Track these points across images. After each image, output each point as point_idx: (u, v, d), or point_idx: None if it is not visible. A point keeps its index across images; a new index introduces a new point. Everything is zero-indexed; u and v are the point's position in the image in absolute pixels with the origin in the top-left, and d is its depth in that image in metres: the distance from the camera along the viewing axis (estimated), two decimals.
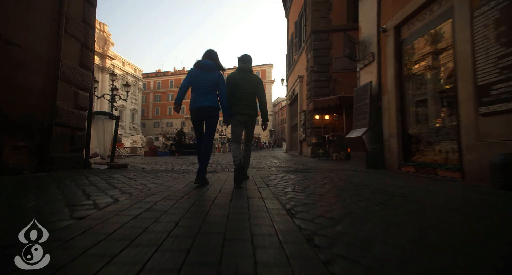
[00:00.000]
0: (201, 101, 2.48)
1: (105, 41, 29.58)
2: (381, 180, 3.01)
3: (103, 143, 3.67)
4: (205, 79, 2.50)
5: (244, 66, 2.77)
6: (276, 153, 15.61)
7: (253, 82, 2.75)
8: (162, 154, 10.38)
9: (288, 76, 15.40)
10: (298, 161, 6.86)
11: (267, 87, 42.79)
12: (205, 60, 2.59)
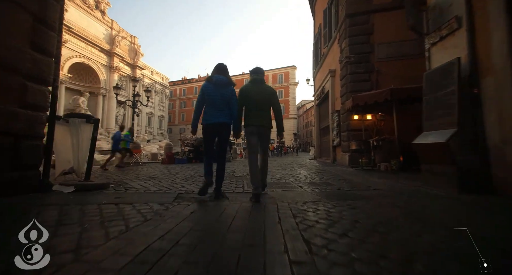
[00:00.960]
0: (216, 117, 2.49)
1: (136, 52, 31.19)
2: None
3: (77, 154, 2.78)
4: (219, 95, 2.50)
5: (257, 77, 2.74)
6: (302, 159, 14.04)
7: (266, 93, 2.71)
8: (179, 162, 9.66)
9: (315, 73, 13.86)
10: (335, 173, 5.39)
11: (291, 89, 41.22)
12: (217, 76, 2.57)
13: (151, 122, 36.55)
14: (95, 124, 2.88)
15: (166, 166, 8.40)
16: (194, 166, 7.88)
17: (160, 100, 39.18)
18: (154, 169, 6.78)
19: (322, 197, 2.59)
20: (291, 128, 40.80)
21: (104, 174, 5.10)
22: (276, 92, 2.87)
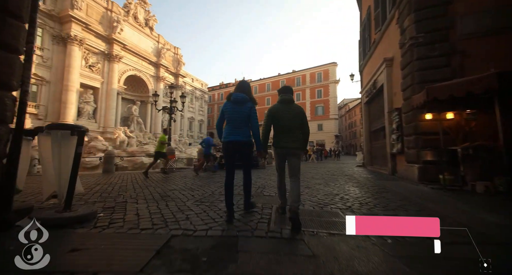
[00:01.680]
0: (233, 135, 2.51)
1: (178, 62, 33.45)
2: None
3: (59, 174, 2.21)
4: (237, 113, 2.53)
5: (285, 97, 2.68)
6: (348, 166, 12.09)
7: (295, 113, 2.60)
8: (210, 169, 9.17)
9: (362, 66, 11.85)
10: (402, 195, 3.86)
11: (331, 88, 38.14)
12: (236, 93, 2.60)
13: (192, 126, 38.67)
14: (80, 137, 2.26)
15: (192, 174, 7.94)
16: (223, 175, 7.18)
17: (200, 105, 41.21)
18: (179, 179, 6.29)
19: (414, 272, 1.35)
20: (331, 129, 37.65)
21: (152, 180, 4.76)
22: (305, 112, 2.71)
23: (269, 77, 44.64)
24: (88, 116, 21.77)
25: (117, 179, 6.41)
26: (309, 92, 40.06)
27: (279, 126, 2.59)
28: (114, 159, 9.30)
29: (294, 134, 2.59)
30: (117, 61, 23.57)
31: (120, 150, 19.91)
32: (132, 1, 26.31)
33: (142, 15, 27.44)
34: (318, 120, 38.73)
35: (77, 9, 19.65)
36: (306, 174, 7.61)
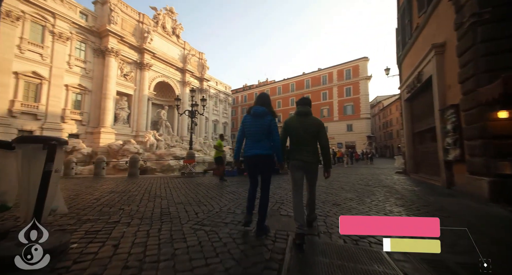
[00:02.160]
0: (254, 149, 2.48)
1: (203, 67, 34.40)
2: None
3: (27, 194, 1.86)
4: (256, 126, 2.50)
5: (301, 109, 2.63)
6: (384, 172, 10.61)
7: (312, 126, 2.55)
8: (229, 174, 8.75)
9: (402, 57, 10.32)
10: (474, 223, 2.81)
11: (362, 85, 35.32)
12: (256, 107, 2.56)
13: (216, 128, 39.39)
14: (50, 152, 1.88)
15: (212, 179, 7.55)
16: (241, 182, 6.63)
17: (224, 108, 41.82)
18: (194, 187, 5.91)
19: None
20: (363, 129, 34.81)
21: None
22: (323, 125, 2.64)
23: (293, 77, 43.32)
24: (123, 121, 23.39)
25: (135, 185, 6.32)
26: (336, 90, 37.73)
27: (294, 138, 2.55)
28: (138, 163, 9.48)
29: (311, 147, 2.52)
30: (148, 69, 25.00)
31: (150, 152, 20.92)
32: (161, 12, 27.77)
33: (169, 24, 28.80)
34: (348, 120, 36.18)
35: (113, 23, 21.31)
36: (334, 183, 6.65)
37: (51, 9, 18.01)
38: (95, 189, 5.13)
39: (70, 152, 17.37)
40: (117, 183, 7.04)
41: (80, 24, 19.95)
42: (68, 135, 18.79)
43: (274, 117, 2.60)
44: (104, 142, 19.85)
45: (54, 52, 18.16)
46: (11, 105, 15.64)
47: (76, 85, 19.76)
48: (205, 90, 34.77)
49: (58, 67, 18.37)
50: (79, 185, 6.55)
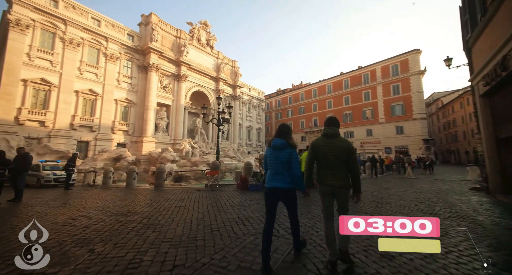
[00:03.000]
0: (273, 181, 2.44)
1: (236, 74, 34.96)
2: None
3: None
4: (276, 159, 2.47)
5: (328, 131, 2.53)
6: (453, 188, 8.21)
7: (340, 148, 2.42)
8: (253, 188, 7.89)
9: (472, 41, 7.99)
10: None
11: (413, 81, 30.57)
12: (275, 139, 2.54)
13: (250, 135, 39.29)
14: None
15: (231, 196, 6.78)
16: (261, 202, 5.68)
17: (258, 113, 41.58)
18: (209, 203, 5.22)
19: None
20: (417, 132, 29.86)
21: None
22: (352, 148, 2.47)
23: (329, 78, 40.49)
24: (163, 130, 25.04)
25: (148, 201, 6.01)
26: (381, 89, 33.54)
27: (322, 161, 2.50)
28: (164, 173, 9.45)
29: (339, 170, 2.41)
30: (184, 80, 26.45)
31: (185, 160, 21.69)
32: (196, 26, 29.35)
33: (204, 36, 30.20)
34: (397, 122, 31.60)
35: (154, 41, 23.26)
36: (383, 206, 5.11)
37: (105, 34, 20.59)
38: (100, 209, 4.90)
39: (117, 159, 19.15)
40: (137, 197, 6.91)
41: (128, 45, 22.31)
42: (116, 144, 20.88)
43: (294, 149, 2.50)
44: (146, 150, 21.39)
45: (107, 71, 20.60)
46: (73, 119, 18.13)
47: (124, 99, 21.97)
48: (238, 97, 35.18)
49: (110, 84, 20.74)
50: (93, 198, 6.58)
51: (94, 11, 20.35)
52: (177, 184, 17.81)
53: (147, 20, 23.99)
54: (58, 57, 17.59)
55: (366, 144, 33.78)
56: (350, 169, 2.42)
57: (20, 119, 15.42)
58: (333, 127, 2.54)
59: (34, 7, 16.39)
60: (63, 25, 17.99)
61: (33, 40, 16.45)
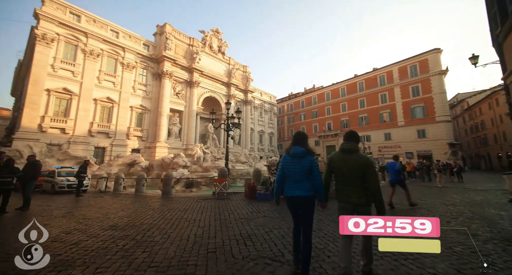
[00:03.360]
0: (294, 190, 2.43)
1: (247, 79, 35.03)
2: None
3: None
4: (296, 167, 2.44)
5: (345, 146, 2.47)
6: (488, 200, 7.22)
7: (357, 164, 2.34)
8: (261, 198, 7.46)
9: (503, 35, 7.15)
10: None
11: (434, 82, 28.74)
12: (295, 147, 2.51)
13: (262, 139, 38.90)
14: None
15: (237, 206, 6.41)
16: (276, 214, 5.24)
17: (269, 118, 41.21)
18: (211, 219, 4.89)
19: None
20: (441, 135, 27.81)
21: None
22: (371, 163, 2.38)
23: (343, 80, 39.27)
24: (175, 136, 25.42)
25: (150, 212, 5.81)
26: (399, 91, 31.84)
27: (339, 177, 2.45)
28: (171, 180, 9.33)
29: (358, 187, 2.33)
30: (196, 86, 26.86)
31: (197, 165, 21.74)
32: (208, 33, 29.92)
33: (216, 43, 30.68)
34: (418, 125, 29.68)
35: (168, 49, 23.95)
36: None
37: (123, 45, 21.51)
38: (99, 220, 4.72)
39: (131, 165, 19.58)
40: (141, 206, 6.77)
41: (143, 54, 23.13)
42: (131, 150, 21.44)
43: (313, 156, 2.51)
44: (159, 155, 21.73)
45: (123, 80, 21.42)
46: (91, 126, 18.90)
47: (139, 106, 22.65)
48: (249, 102, 35.12)
49: (126, 91, 21.51)
50: (98, 207, 6.49)
51: (113, 23, 21.39)
52: (188, 190, 17.79)
53: (161, 30, 24.82)
54: (79, 68, 18.56)
55: (384, 148, 32.05)
56: (369, 186, 2.29)
57: (43, 127, 16.30)
58: (352, 142, 2.47)
59: (59, 22, 17.51)
60: (84, 38, 19.02)
61: (57, 52, 17.51)
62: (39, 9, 16.57)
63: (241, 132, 33.66)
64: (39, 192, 10.54)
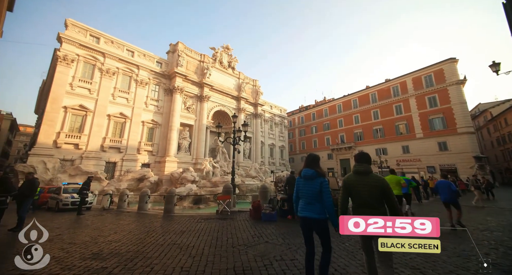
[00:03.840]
0: (306, 211, 2.53)
1: (257, 93, 35.29)
2: None
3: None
4: (308, 189, 2.57)
5: (358, 168, 2.51)
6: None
7: (372, 186, 2.37)
8: (266, 218, 6.81)
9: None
10: None
11: (452, 92, 27.36)
12: (305, 170, 2.67)
13: (273, 153, 38.16)
14: None
15: (239, 228, 5.82)
16: (280, 239, 4.62)
17: (280, 131, 40.70)
18: (206, 245, 4.37)
19: None
20: (465, 148, 25.81)
21: None
22: (386, 185, 2.39)
23: (355, 92, 38.49)
24: (185, 150, 25.48)
25: (148, 234, 5.38)
26: (414, 101, 30.49)
27: (356, 200, 2.44)
28: (174, 198, 8.94)
29: (376, 209, 2.31)
30: (206, 100, 27.30)
31: (206, 180, 21.35)
32: (218, 50, 30.95)
33: (226, 59, 31.57)
34: (438, 137, 27.87)
35: (180, 66, 24.84)
36: (437, 264, 3.68)
37: (137, 63, 22.58)
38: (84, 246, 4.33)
39: (141, 180, 19.55)
40: (137, 227, 6.37)
41: (156, 71, 24.09)
42: (141, 164, 21.59)
43: (324, 178, 2.59)
44: (168, 170, 21.67)
45: (136, 96, 22.20)
46: (103, 141, 19.38)
47: (150, 120, 23.16)
48: (259, 115, 35.07)
49: (138, 107, 22.18)
50: (92, 228, 6.13)
51: (128, 43, 22.69)
52: (195, 206, 17.28)
53: (174, 48, 25.97)
54: (96, 85, 19.50)
55: (403, 162, 30.16)
56: (389, 206, 2.33)
57: (58, 143, 16.89)
58: (365, 164, 2.51)
59: (79, 44, 18.79)
60: (102, 57, 20.19)
61: (76, 71, 18.60)
62: (62, 33, 17.93)
63: (251, 145, 33.30)
64: (45, 209, 10.52)
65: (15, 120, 42.03)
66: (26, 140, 48.23)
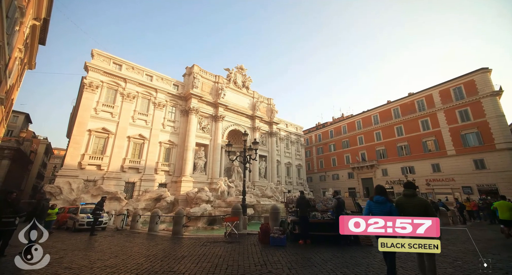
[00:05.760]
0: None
1: (272, 111, 35.53)
2: None
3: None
4: (380, 210, 3.45)
5: (407, 192, 3.59)
6: None
7: (417, 205, 3.36)
8: (275, 243, 6.13)
9: None
10: None
11: (487, 105, 25.21)
12: (377, 196, 3.66)
13: (289, 172, 36.93)
14: None
15: (244, 254, 5.24)
16: (286, 269, 4.00)
17: (296, 149, 39.74)
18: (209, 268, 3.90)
19: None
20: (508, 166, 22.79)
21: None
22: (428, 204, 3.43)
23: (375, 107, 37.11)
24: (201, 169, 25.60)
25: (147, 259, 5.04)
26: (443, 116, 28.32)
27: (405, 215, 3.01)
28: (182, 219, 8.61)
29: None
30: (221, 120, 27.89)
31: (220, 200, 20.86)
32: (233, 70, 32.31)
33: (240, 79, 32.72)
34: (473, 154, 25.09)
35: (195, 87, 26.11)
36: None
37: (155, 87, 24.13)
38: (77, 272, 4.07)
39: (158, 200, 19.65)
40: (139, 251, 6.07)
41: (173, 93, 25.48)
42: (158, 184, 21.90)
43: (393, 203, 3.54)
44: (184, 190, 21.66)
45: (154, 117, 23.38)
46: (123, 162, 20.20)
47: (167, 141, 23.95)
48: (275, 133, 34.83)
49: (156, 128, 23.21)
50: (96, 251, 5.93)
51: (148, 68, 24.58)
52: (209, 227, 16.69)
53: (190, 71, 27.58)
54: (117, 109, 20.97)
55: (433, 182, 27.27)
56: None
57: (82, 164, 17.89)
58: (411, 189, 3.60)
59: (104, 71, 20.69)
60: (123, 83, 21.93)
61: (100, 97, 20.27)
62: (89, 62, 19.99)
63: (267, 164, 32.66)
64: (64, 229, 10.74)
65: (50, 144, 46.08)
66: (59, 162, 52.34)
